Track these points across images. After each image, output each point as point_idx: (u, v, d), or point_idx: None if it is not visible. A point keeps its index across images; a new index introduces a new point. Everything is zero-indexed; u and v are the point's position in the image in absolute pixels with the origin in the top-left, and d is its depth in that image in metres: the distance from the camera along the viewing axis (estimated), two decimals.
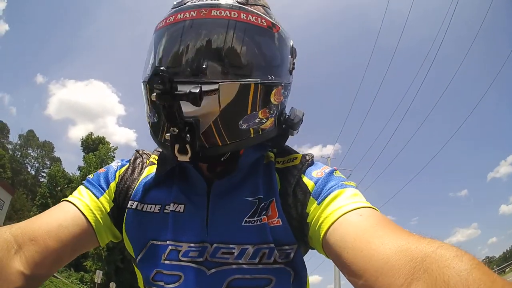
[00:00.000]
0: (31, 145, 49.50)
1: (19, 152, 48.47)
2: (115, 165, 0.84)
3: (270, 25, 0.71)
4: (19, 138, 48.19)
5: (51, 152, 51.63)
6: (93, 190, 0.77)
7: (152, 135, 0.76)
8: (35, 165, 50.40)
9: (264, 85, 0.68)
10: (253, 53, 0.69)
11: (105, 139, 43.30)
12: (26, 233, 0.65)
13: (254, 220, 0.70)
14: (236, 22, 0.67)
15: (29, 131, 49.56)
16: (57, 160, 50.49)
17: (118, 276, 33.78)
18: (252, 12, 0.69)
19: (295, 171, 0.75)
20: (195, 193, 0.74)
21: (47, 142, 51.29)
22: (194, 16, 0.67)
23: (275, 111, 0.73)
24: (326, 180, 0.70)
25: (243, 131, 0.67)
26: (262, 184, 0.74)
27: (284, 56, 0.76)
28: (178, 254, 0.70)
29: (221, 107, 0.63)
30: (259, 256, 0.68)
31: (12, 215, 31.43)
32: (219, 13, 0.66)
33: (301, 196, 0.71)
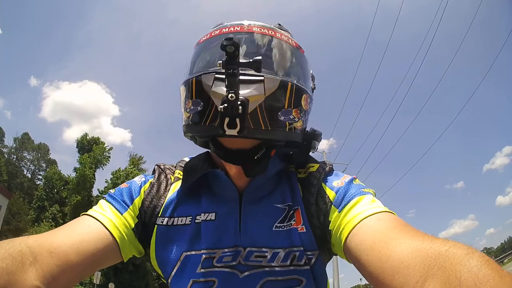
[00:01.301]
0: (26, 148, 49.29)
1: (15, 155, 48.26)
2: (138, 180, 0.84)
3: (298, 46, 0.83)
4: (14, 141, 47.95)
5: (46, 155, 51.48)
6: (116, 205, 0.77)
7: (189, 123, 0.77)
8: (31, 168, 50.24)
9: (298, 88, 0.75)
10: (291, 61, 0.80)
11: (100, 140, 43.29)
12: (44, 245, 0.61)
13: (284, 226, 0.75)
14: (277, 39, 0.78)
15: (24, 134, 49.35)
16: (53, 162, 50.38)
17: (117, 277, 33.84)
18: (285, 34, 0.82)
19: (315, 180, 0.80)
20: (225, 201, 0.78)
21: (42, 145, 51.09)
22: (238, 30, 0.77)
23: (304, 115, 0.80)
24: (347, 189, 0.75)
25: (281, 122, 0.73)
26: (288, 192, 0.80)
27: (308, 73, 0.86)
28: (213, 261, 0.74)
29: (266, 94, 0.69)
30: (290, 259, 0.73)
31: (10, 219, 31.35)
32: (260, 30, 0.77)
33: (323, 206, 0.76)
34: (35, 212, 39.17)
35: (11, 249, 0.56)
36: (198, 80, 0.73)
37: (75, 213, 37.64)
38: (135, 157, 44.59)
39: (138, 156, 45.16)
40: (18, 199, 34.66)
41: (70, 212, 37.89)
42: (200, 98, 0.72)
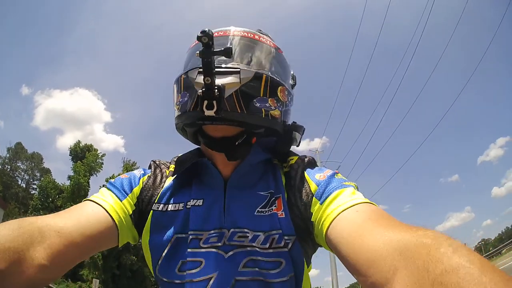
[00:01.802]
0: (20, 157, 49.11)
1: (9, 165, 48.05)
2: (138, 173, 0.92)
3: (276, 47, 0.94)
4: (7, 151, 47.74)
5: (40, 163, 51.30)
6: (116, 192, 0.84)
7: (179, 114, 0.87)
8: (25, 177, 50.07)
9: (272, 79, 0.84)
10: (267, 58, 0.89)
11: (93, 147, 43.06)
12: (52, 225, 0.67)
13: (266, 211, 0.81)
14: (254, 40, 0.89)
15: (17, 143, 49.12)
16: (47, 171, 50.23)
17: (116, 283, 33.84)
18: (263, 36, 0.93)
19: (293, 172, 0.87)
20: (211, 188, 0.86)
21: (36, 154, 50.88)
22: (223, 35, 0.88)
23: (281, 106, 0.87)
24: (328, 182, 0.79)
25: (257, 108, 0.81)
26: (271, 181, 0.87)
27: (287, 71, 0.96)
28: (199, 242, 0.80)
29: (241, 83, 0.78)
30: (269, 242, 0.78)
31: None
32: (241, 33, 0.89)
33: (304, 196, 0.81)
34: None
35: (22, 229, 0.61)
36: (185, 76, 0.84)
37: None
38: (128, 163, 44.56)
39: (131, 162, 45.16)
40: (13, 209, 34.58)
41: None
42: (187, 90, 0.83)
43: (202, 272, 0.77)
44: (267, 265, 0.77)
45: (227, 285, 0.76)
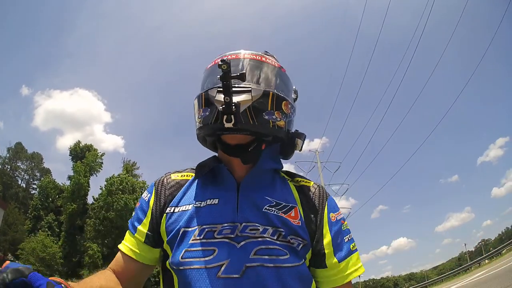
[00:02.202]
0: (20, 157, 49.05)
1: (8, 165, 48.01)
2: (145, 196, 1.08)
3: (280, 66, 1.09)
4: (7, 151, 47.68)
5: (40, 164, 51.24)
6: (131, 230, 1.05)
7: (200, 127, 1.03)
8: (25, 177, 50.02)
9: (278, 95, 1.00)
10: (273, 77, 1.04)
11: (93, 147, 42.90)
12: (110, 279, 0.99)
13: (273, 210, 0.96)
14: (261, 61, 1.05)
15: (17, 143, 49.04)
16: (47, 171, 50.14)
17: None
18: (268, 57, 1.08)
19: (321, 202, 1.04)
20: (226, 190, 0.99)
21: (36, 154, 50.84)
22: (234, 57, 1.04)
23: (285, 117, 1.03)
24: (341, 236, 1.01)
25: (266, 120, 0.97)
26: (281, 189, 1.03)
27: (289, 86, 1.10)
28: (214, 234, 0.91)
29: (253, 99, 0.95)
30: (276, 235, 0.92)
31: (6, 229, 31.27)
32: (250, 56, 1.05)
33: (324, 237, 0.99)
34: (31, 222, 38.97)
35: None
36: (206, 93, 0.99)
37: (71, 221, 37.48)
38: (128, 163, 44.54)
39: (131, 162, 45.14)
40: (13, 210, 34.55)
41: (66, 220, 37.75)
42: (207, 106, 0.99)
43: (215, 259, 0.88)
44: (276, 252, 0.89)
45: (238, 271, 0.86)
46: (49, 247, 30.48)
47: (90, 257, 32.71)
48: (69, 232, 37.48)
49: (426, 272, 69.18)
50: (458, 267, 32.20)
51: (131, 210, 35.12)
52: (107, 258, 33.58)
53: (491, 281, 12.73)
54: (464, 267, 26.68)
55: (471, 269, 23.65)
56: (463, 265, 30.69)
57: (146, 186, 32.16)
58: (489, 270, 16.42)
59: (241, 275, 0.86)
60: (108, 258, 33.65)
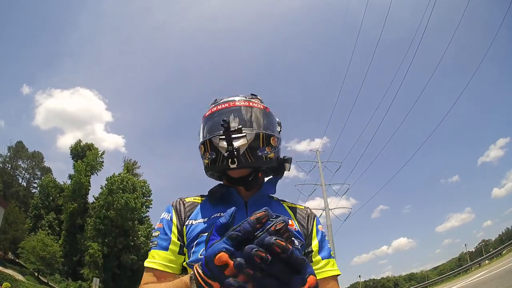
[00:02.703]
0: (20, 156, 49.14)
1: (9, 164, 48.06)
2: (167, 216, 1.25)
3: (265, 107, 1.32)
4: (8, 150, 47.73)
5: (41, 162, 51.34)
6: (161, 248, 1.18)
7: (209, 166, 1.26)
8: (26, 176, 50.09)
9: (266, 134, 1.23)
10: (260, 119, 1.27)
11: (94, 146, 43.06)
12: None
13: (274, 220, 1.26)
14: (248, 107, 1.27)
15: (18, 142, 49.11)
16: (47, 170, 50.18)
17: (116, 283, 33.76)
18: (254, 101, 1.31)
19: (310, 217, 1.30)
20: (236, 206, 1.21)
21: (36, 153, 50.93)
22: (227, 106, 1.27)
23: (274, 149, 1.26)
24: (325, 243, 1.25)
25: (260, 156, 1.21)
26: (277, 208, 1.29)
27: (274, 122, 1.33)
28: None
29: (248, 142, 1.19)
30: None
31: (7, 228, 31.21)
32: (241, 103, 1.28)
33: (313, 240, 1.24)
34: (32, 221, 39.01)
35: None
36: (210, 140, 1.23)
37: (72, 220, 37.47)
38: (129, 162, 44.59)
39: (132, 161, 45.19)
40: (14, 208, 34.49)
41: (66, 219, 37.78)
42: (213, 150, 1.22)
43: None
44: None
45: None
46: (50, 246, 30.47)
47: (90, 256, 32.72)
48: (70, 231, 37.53)
49: (427, 272, 69.23)
50: (458, 267, 32.21)
51: (132, 209, 35.64)
52: (108, 257, 33.60)
53: (491, 281, 12.74)
54: (465, 268, 26.67)
55: (472, 270, 23.65)
56: (463, 265, 30.70)
57: (147, 186, 31.94)
58: (490, 271, 16.42)
59: None
60: (108, 257, 33.69)
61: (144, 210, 39.25)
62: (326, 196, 20.87)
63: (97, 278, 21.94)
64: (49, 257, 29.95)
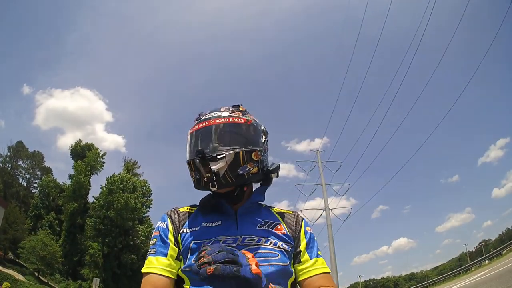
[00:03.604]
0: (21, 156, 49.11)
1: (10, 164, 48.03)
2: (162, 224, 1.29)
3: (245, 121, 1.29)
4: (8, 149, 47.69)
5: (41, 162, 51.30)
6: (160, 254, 1.21)
7: (195, 184, 1.29)
8: (26, 176, 50.06)
9: (247, 151, 1.23)
10: (240, 135, 1.26)
11: (94, 146, 43.08)
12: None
13: (264, 227, 1.25)
14: (228, 124, 1.25)
15: (18, 142, 49.07)
16: (47, 170, 50.15)
17: (116, 282, 33.73)
18: (234, 116, 1.28)
19: (298, 221, 1.34)
20: (227, 216, 1.26)
21: (37, 153, 50.91)
22: (207, 124, 1.26)
23: (257, 163, 1.27)
24: (313, 243, 1.30)
25: (241, 174, 1.22)
26: (266, 214, 1.33)
27: (257, 133, 1.32)
28: (219, 243, 1.12)
29: (228, 163, 1.19)
30: (269, 243, 1.19)
31: (7, 228, 31.20)
32: (220, 120, 1.25)
33: (301, 241, 1.28)
34: (32, 221, 39.01)
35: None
36: (193, 161, 1.23)
37: (72, 220, 37.47)
38: (129, 162, 44.61)
39: (132, 161, 45.20)
40: (14, 208, 34.49)
41: (66, 219, 37.79)
42: (196, 170, 1.24)
43: None
44: (269, 255, 1.16)
45: None
46: (50, 245, 30.48)
47: (90, 256, 32.74)
48: (70, 231, 37.56)
49: (427, 272, 69.26)
50: (458, 267, 32.19)
51: (132, 209, 35.67)
52: (108, 256, 33.59)
53: (491, 281, 12.73)
54: (465, 268, 26.67)
55: (472, 270, 23.64)
56: (463, 265, 30.68)
57: (147, 186, 31.84)
58: (490, 271, 16.44)
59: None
60: (108, 257, 33.68)
61: (144, 210, 39.36)
62: (326, 196, 20.82)
63: (97, 278, 21.92)
64: (49, 257, 29.96)
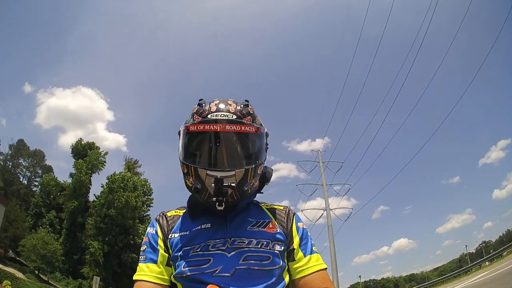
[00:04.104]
0: (22, 154, 49.14)
1: (11, 162, 48.09)
2: (152, 230, 1.25)
3: (256, 130, 1.18)
4: (9, 148, 47.72)
5: (42, 161, 51.35)
6: (149, 261, 1.18)
7: (194, 192, 1.21)
8: (27, 174, 50.10)
9: (256, 167, 1.18)
10: (249, 151, 1.19)
11: (95, 144, 43.05)
12: None
13: (254, 228, 1.20)
14: (240, 134, 1.15)
15: (19, 140, 49.11)
16: (48, 168, 50.17)
17: (116, 281, 33.70)
18: (245, 124, 1.16)
19: (289, 216, 1.29)
20: (217, 217, 1.19)
21: (38, 151, 50.95)
22: (215, 129, 1.13)
23: (258, 176, 1.23)
24: (306, 239, 1.25)
25: (246, 190, 1.18)
26: (257, 213, 1.27)
27: (263, 144, 1.25)
28: (209, 247, 1.12)
29: (237, 181, 1.13)
30: (259, 245, 1.14)
31: (7, 226, 31.24)
32: (230, 127, 1.14)
33: (294, 238, 1.23)
34: (32, 219, 39.03)
35: None
36: (195, 169, 1.14)
37: (72, 218, 37.48)
38: (130, 161, 44.62)
39: (133, 160, 45.22)
40: (14, 206, 34.56)
41: (67, 218, 37.81)
42: (197, 179, 1.15)
43: (210, 266, 1.09)
44: (260, 258, 1.11)
45: (229, 272, 1.07)
46: (50, 244, 30.51)
47: (91, 254, 32.76)
48: (70, 229, 37.58)
49: (427, 273, 69.15)
50: (458, 268, 32.13)
51: (132, 207, 35.72)
52: (108, 255, 33.62)
53: (492, 283, 12.73)
54: (465, 269, 26.67)
55: (472, 271, 23.66)
56: (463, 266, 30.70)
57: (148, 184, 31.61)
58: (490, 272, 16.42)
59: (232, 274, 1.07)
60: (108, 255, 33.71)
61: (145, 209, 39.42)
62: (327, 196, 20.87)
63: (97, 277, 21.90)
64: (50, 255, 30.01)
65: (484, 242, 64.10)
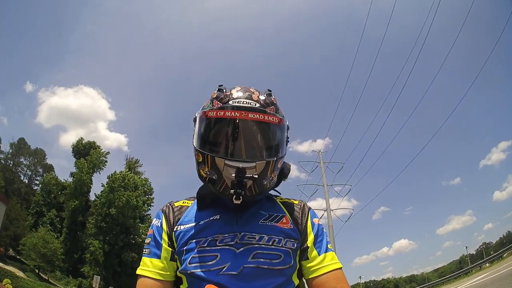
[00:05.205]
0: (22, 153, 49.16)
1: (11, 161, 48.12)
2: (157, 222, 1.19)
3: (279, 121, 1.12)
4: (10, 146, 47.73)
5: (43, 160, 51.35)
6: (153, 256, 1.13)
7: (208, 183, 1.12)
8: (28, 173, 50.12)
9: (277, 160, 1.11)
10: (272, 143, 1.11)
11: (96, 144, 43.24)
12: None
13: (267, 222, 1.12)
14: (264, 124, 1.08)
15: (20, 139, 49.07)
16: (49, 167, 50.19)
17: (116, 280, 33.73)
18: (268, 113, 1.09)
19: (304, 211, 1.21)
20: (226, 209, 1.13)
21: (39, 150, 50.98)
22: (237, 116, 1.05)
23: (279, 169, 1.16)
24: (322, 236, 1.17)
25: (265, 185, 1.10)
26: (270, 206, 1.20)
27: (285, 137, 1.17)
28: (216, 242, 1.06)
29: (258, 173, 1.05)
30: (271, 241, 1.07)
31: (8, 225, 31.26)
32: (253, 115, 1.06)
33: (309, 235, 1.16)
34: (33, 218, 39.06)
35: None
36: (213, 158, 1.07)
37: (73, 217, 37.52)
38: (131, 161, 44.62)
39: (134, 159, 45.21)
40: (15, 205, 34.57)
41: (67, 216, 37.84)
42: (214, 169, 1.07)
43: (217, 263, 1.03)
44: (270, 256, 1.04)
45: (235, 271, 1.01)
46: (51, 243, 30.51)
47: (91, 253, 32.74)
48: (71, 228, 37.60)
49: (427, 274, 69.07)
50: (459, 270, 32.06)
51: (133, 207, 35.67)
52: (108, 254, 33.60)
53: (492, 284, 12.72)
54: (465, 270, 26.57)
55: (472, 272, 23.56)
56: (464, 268, 30.62)
57: (149, 184, 31.57)
58: (490, 274, 16.37)
59: (239, 272, 1.01)
60: (109, 254, 33.70)
61: (146, 208, 39.35)
62: (328, 197, 20.88)
63: (98, 276, 21.95)
64: (50, 254, 30.01)
65: (485, 244, 63.98)
